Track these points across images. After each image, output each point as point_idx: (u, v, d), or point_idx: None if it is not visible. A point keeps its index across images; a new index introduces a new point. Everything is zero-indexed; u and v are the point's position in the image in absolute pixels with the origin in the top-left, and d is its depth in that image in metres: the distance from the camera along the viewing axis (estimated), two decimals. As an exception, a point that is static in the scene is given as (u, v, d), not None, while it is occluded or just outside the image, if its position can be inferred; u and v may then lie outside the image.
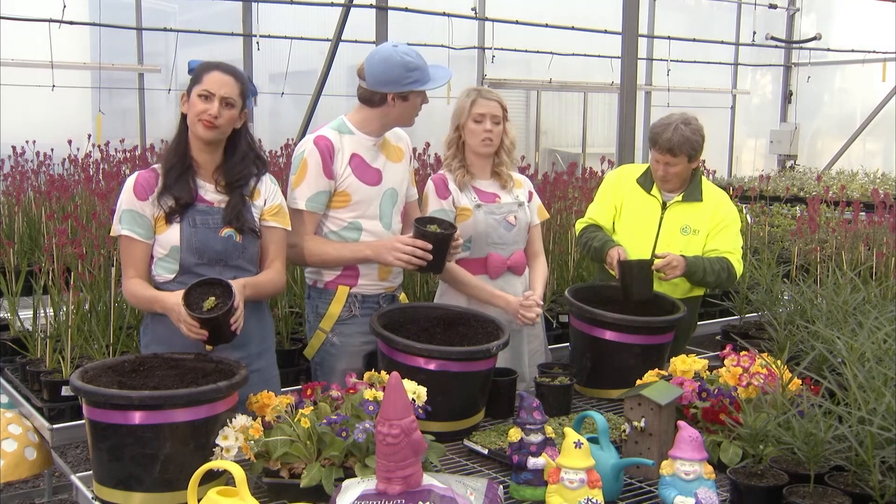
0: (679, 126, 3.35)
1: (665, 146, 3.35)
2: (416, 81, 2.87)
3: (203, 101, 2.55)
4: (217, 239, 2.58)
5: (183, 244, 2.56)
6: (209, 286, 2.43)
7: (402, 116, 2.97)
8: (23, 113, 8.67)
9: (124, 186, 2.61)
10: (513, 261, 3.23)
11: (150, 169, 2.64)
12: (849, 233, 5.27)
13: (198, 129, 2.57)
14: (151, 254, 2.60)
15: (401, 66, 2.84)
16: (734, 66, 14.15)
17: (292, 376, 3.60)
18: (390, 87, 2.87)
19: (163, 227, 2.57)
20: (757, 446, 2.12)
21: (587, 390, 3.09)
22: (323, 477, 2.10)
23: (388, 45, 2.91)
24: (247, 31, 10.11)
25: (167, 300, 2.46)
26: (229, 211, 2.61)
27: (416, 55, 2.88)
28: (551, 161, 12.00)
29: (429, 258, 2.82)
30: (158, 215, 2.57)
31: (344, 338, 3.00)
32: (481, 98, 3.15)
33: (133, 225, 2.55)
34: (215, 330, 2.39)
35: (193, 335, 2.40)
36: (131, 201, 2.57)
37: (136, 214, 2.55)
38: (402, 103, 2.92)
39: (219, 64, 2.62)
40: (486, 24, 11.34)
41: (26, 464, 3.10)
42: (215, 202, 2.62)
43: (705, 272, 3.34)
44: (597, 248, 3.44)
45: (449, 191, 3.17)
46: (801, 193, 9.01)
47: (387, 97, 2.90)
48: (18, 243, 4.83)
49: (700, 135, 3.40)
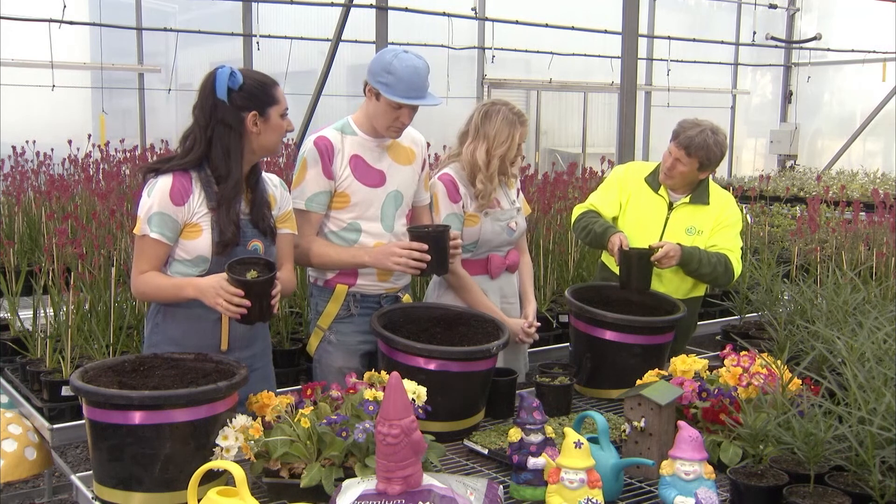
0: (707, 131, 3.35)
1: (684, 142, 3.35)
2: (385, 85, 2.82)
3: (284, 120, 2.60)
4: (244, 252, 2.57)
5: (213, 251, 2.54)
6: (247, 264, 2.45)
7: (375, 116, 2.91)
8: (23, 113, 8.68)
9: (156, 186, 2.52)
10: (510, 260, 3.31)
11: (183, 173, 2.55)
12: (849, 233, 5.28)
13: (279, 147, 2.65)
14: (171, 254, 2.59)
15: (383, 64, 2.83)
16: (734, 66, 14.17)
17: (292, 376, 3.60)
18: (368, 76, 2.88)
19: (193, 235, 2.54)
20: (757, 446, 2.12)
21: (587, 390, 3.10)
22: (323, 477, 2.10)
23: (399, 48, 2.91)
24: (247, 31, 10.12)
25: (201, 281, 2.45)
26: (255, 214, 2.61)
27: (407, 67, 2.81)
28: (551, 161, 12.00)
29: (427, 259, 2.82)
30: (190, 222, 2.54)
31: (341, 336, 3.01)
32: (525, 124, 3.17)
33: (164, 228, 2.51)
34: (257, 302, 2.38)
35: (234, 309, 2.37)
36: (165, 204, 2.51)
37: (169, 219, 2.51)
38: (374, 101, 2.88)
39: (267, 77, 2.62)
40: (486, 24, 11.35)
41: (26, 464, 3.10)
42: (242, 213, 2.60)
43: (700, 263, 3.33)
44: (598, 233, 3.41)
45: (460, 195, 3.15)
46: (801, 193, 9.01)
47: (366, 86, 2.90)
48: (18, 243, 4.83)
49: (721, 149, 3.39)
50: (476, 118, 3.16)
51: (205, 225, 2.54)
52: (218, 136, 2.53)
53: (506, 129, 3.11)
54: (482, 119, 3.14)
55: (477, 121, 3.15)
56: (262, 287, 2.39)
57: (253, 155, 2.61)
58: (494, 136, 3.11)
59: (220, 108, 2.51)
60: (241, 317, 2.40)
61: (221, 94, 2.50)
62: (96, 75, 9.61)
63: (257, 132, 2.56)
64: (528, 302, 3.37)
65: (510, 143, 3.12)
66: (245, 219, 2.60)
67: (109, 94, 9.74)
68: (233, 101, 2.51)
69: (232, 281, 2.38)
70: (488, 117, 3.13)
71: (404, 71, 2.80)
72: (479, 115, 3.16)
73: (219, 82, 2.51)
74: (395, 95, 2.82)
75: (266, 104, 2.55)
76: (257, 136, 2.56)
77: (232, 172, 2.54)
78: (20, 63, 8.82)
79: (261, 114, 2.55)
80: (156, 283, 2.54)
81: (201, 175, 2.54)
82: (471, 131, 3.17)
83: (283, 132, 2.61)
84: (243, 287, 2.37)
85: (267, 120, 2.56)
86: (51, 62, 8.65)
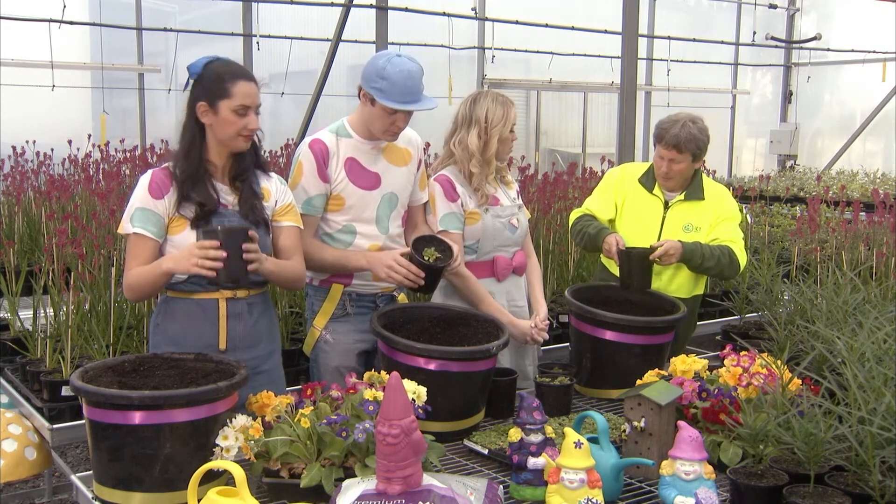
0: (687, 123, 3.36)
1: (672, 142, 3.35)
2: (378, 90, 2.81)
3: (240, 117, 2.56)
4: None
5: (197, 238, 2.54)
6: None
7: (370, 120, 2.91)
8: (23, 113, 8.67)
9: (138, 183, 2.58)
10: (516, 262, 3.26)
11: (163, 168, 2.62)
12: (849, 233, 5.27)
13: (238, 143, 2.60)
14: (161, 252, 2.59)
15: (376, 69, 2.81)
16: (734, 66, 14.16)
17: (292, 376, 3.59)
18: (361, 81, 2.87)
19: (179, 229, 2.56)
20: (757, 446, 2.12)
21: (587, 390, 3.09)
22: (323, 477, 2.10)
23: (393, 52, 2.89)
24: (247, 31, 10.11)
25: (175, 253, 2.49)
26: (244, 205, 2.62)
27: (400, 71, 2.79)
28: (551, 161, 11.99)
29: (421, 283, 2.85)
30: (174, 216, 2.56)
31: (337, 335, 3.01)
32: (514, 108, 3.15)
33: (145, 223, 2.54)
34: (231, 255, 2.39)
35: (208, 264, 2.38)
36: (145, 199, 2.55)
37: (149, 213, 2.54)
38: (369, 106, 2.87)
39: (237, 70, 2.59)
40: (486, 24, 11.34)
41: (26, 464, 3.10)
42: (230, 204, 2.62)
43: (704, 257, 3.33)
44: (592, 235, 3.42)
45: (458, 193, 3.14)
46: (801, 193, 9.00)
47: (360, 91, 2.89)
48: (18, 243, 4.83)
49: (706, 135, 3.41)
50: (463, 109, 3.16)
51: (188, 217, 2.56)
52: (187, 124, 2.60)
53: (499, 109, 3.10)
54: (471, 106, 3.13)
55: (464, 111, 3.14)
56: (234, 237, 2.38)
57: (220, 147, 2.62)
58: (487, 115, 3.09)
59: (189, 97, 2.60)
60: (217, 273, 2.39)
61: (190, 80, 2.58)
62: (96, 75, 9.60)
63: (208, 123, 2.58)
64: (539, 305, 3.31)
65: (505, 120, 3.10)
66: (233, 209, 2.60)
67: (109, 94, 9.73)
68: (192, 90, 2.58)
69: (205, 234, 2.39)
70: (476, 102, 3.13)
71: (398, 76, 2.79)
72: (467, 104, 3.16)
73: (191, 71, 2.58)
74: (389, 101, 2.80)
75: (216, 96, 2.55)
76: (209, 127, 2.58)
77: (190, 154, 2.57)
78: (20, 63, 8.81)
79: (210, 105, 2.55)
80: (137, 273, 2.55)
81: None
82: (459, 123, 3.15)
83: (237, 128, 2.57)
84: (215, 237, 2.37)
85: (216, 112, 2.56)
86: (51, 62, 8.64)
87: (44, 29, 8.46)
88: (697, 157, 3.41)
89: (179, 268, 2.44)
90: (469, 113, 3.13)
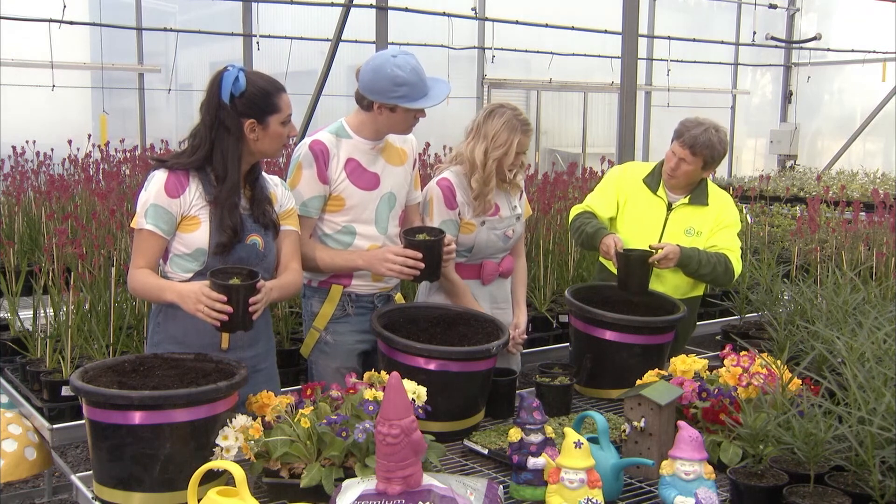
0: (710, 129, 3.37)
1: (689, 142, 3.35)
2: (402, 97, 2.80)
3: (285, 127, 2.59)
4: (242, 246, 2.57)
5: (211, 248, 2.55)
6: (230, 273, 2.42)
7: (392, 126, 2.91)
8: (23, 113, 8.68)
9: (152, 181, 2.55)
10: (504, 266, 3.29)
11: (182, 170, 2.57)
12: (849, 233, 5.27)
13: (279, 152, 2.66)
14: (167, 248, 2.59)
15: (389, 79, 2.78)
16: (734, 66, 14.18)
17: (292, 376, 3.60)
18: (376, 97, 2.83)
19: (191, 228, 2.55)
20: (757, 446, 2.12)
21: (587, 390, 3.09)
22: (323, 477, 2.10)
23: (386, 54, 2.85)
24: (247, 31, 10.12)
25: (182, 287, 2.44)
26: (256, 208, 2.62)
27: (411, 70, 2.78)
28: (551, 161, 12.00)
29: (421, 266, 2.82)
30: (188, 215, 2.55)
31: (337, 336, 3.01)
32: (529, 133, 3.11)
33: (158, 220, 2.53)
34: (237, 309, 2.35)
35: (214, 315, 2.35)
36: (160, 196, 2.53)
37: (163, 210, 2.53)
38: (389, 113, 2.86)
39: (275, 82, 2.59)
40: (486, 24, 11.36)
41: (26, 464, 3.10)
42: (243, 209, 2.61)
43: (700, 264, 3.33)
44: (589, 234, 3.42)
45: (457, 203, 3.13)
46: (801, 193, 9.01)
47: (373, 104, 2.86)
48: (18, 243, 4.83)
49: (724, 146, 3.41)
50: (480, 117, 3.15)
51: (203, 217, 2.55)
52: (219, 137, 2.54)
53: (505, 133, 3.06)
54: (485, 118, 3.12)
55: (480, 119, 3.13)
56: (244, 293, 2.36)
57: (252, 157, 2.61)
58: (493, 137, 3.07)
59: (223, 111, 2.52)
60: (221, 324, 2.38)
61: (225, 97, 2.51)
62: (96, 75, 9.61)
63: (255, 139, 2.56)
64: (520, 310, 3.34)
65: (507, 149, 3.06)
66: (245, 213, 2.60)
67: (109, 94, 9.74)
68: (234, 105, 2.52)
69: (214, 286, 2.36)
70: (491, 117, 3.10)
71: (411, 75, 2.78)
72: (484, 114, 3.14)
73: (224, 85, 2.52)
74: (416, 103, 2.81)
75: (266, 113, 2.55)
76: (255, 142, 2.57)
77: (229, 175, 2.55)
78: (20, 63, 8.82)
79: (259, 122, 2.54)
80: (143, 281, 2.54)
81: (200, 173, 2.56)
82: (473, 129, 3.15)
83: (283, 139, 2.60)
84: (225, 292, 2.35)
85: (266, 128, 2.56)
86: (51, 62, 8.66)
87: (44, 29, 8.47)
88: (709, 164, 3.41)
89: (183, 306, 2.42)
90: (481, 125, 3.12)
